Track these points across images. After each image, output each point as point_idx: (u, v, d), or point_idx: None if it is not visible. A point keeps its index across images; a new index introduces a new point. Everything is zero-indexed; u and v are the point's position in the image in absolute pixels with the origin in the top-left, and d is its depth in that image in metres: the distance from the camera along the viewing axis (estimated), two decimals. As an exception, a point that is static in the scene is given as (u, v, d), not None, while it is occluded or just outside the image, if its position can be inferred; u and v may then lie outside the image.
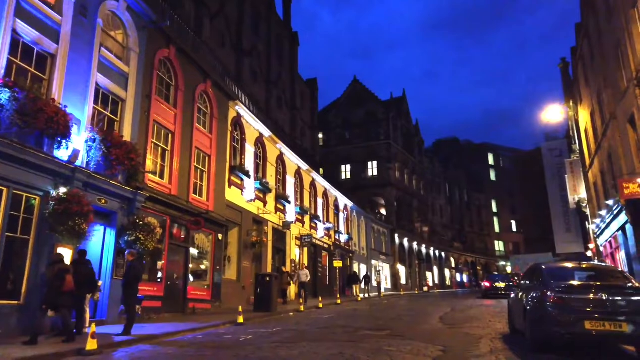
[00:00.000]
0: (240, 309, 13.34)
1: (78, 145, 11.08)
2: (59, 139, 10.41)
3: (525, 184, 73.52)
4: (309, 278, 23.14)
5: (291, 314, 17.14)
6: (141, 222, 12.61)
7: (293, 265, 26.47)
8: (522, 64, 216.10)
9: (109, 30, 13.18)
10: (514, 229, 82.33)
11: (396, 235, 49.76)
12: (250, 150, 22.04)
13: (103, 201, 11.94)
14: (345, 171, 53.83)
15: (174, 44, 15.96)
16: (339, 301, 23.83)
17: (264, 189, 22.79)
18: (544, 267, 8.75)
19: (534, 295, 7.85)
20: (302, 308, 18.15)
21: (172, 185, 15.39)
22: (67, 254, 10.29)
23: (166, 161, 15.50)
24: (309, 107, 44.51)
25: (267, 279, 17.11)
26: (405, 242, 52.13)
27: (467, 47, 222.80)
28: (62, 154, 10.63)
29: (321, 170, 45.98)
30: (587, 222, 35.41)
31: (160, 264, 14.65)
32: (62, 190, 10.26)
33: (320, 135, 55.65)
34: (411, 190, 57.38)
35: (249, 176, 20.94)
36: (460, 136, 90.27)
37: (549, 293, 7.37)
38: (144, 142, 13.98)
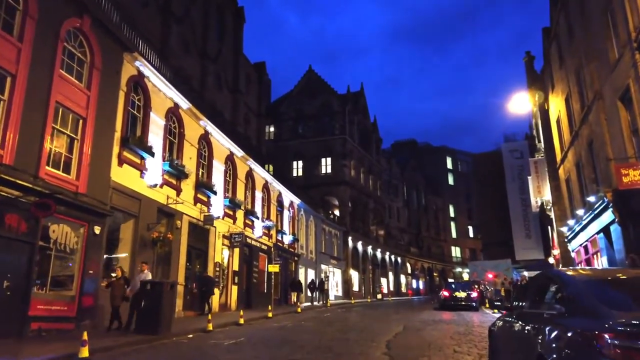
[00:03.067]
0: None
1: None
2: None
3: (483, 188, 71.28)
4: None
5: (190, 335, 12.55)
6: None
7: (217, 269, 21.76)
8: (480, 77, 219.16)
9: None
10: (471, 234, 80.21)
11: (349, 238, 45.77)
12: (158, 122, 17.25)
13: None
14: (297, 167, 49.44)
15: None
16: (270, 314, 19.35)
17: (177, 173, 18.04)
18: (573, 276, 4.67)
19: (566, 336, 3.71)
20: (210, 326, 13.59)
21: (5, 150, 10.50)
22: None
23: (0, 115, 10.61)
24: (255, 93, 39.94)
25: (154, 287, 12.44)
26: (359, 245, 48.23)
27: (428, 58, 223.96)
28: None
29: (270, 167, 41.55)
30: (549, 227, 32.70)
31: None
32: None
33: (272, 129, 51.22)
34: (367, 191, 53.64)
35: (151, 154, 16.15)
36: (419, 141, 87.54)
37: (607, 337, 3.25)
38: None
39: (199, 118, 20.43)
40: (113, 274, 13.60)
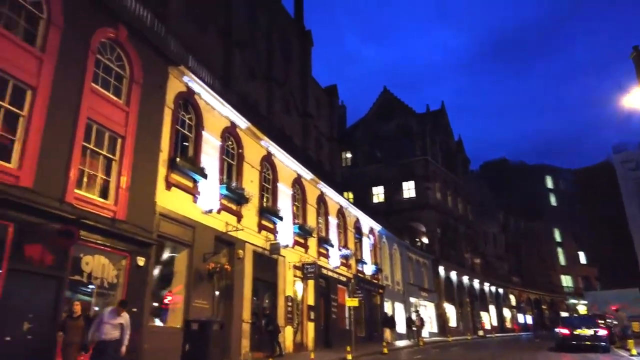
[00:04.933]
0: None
1: None
2: None
3: (592, 207, 62.90)
4: None
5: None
6: None
7: (289, 304, 19.51)
8: (570, 92, 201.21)
9: None
10: (583, 260, 70.74)
11: (441, 268, 41.55)
12: (212, 142, 15.78)
13: None
14: (377, 194, 46.67)
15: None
16: (349, 356, 16.59)
17: (236, 198, 16.33)
18: None
19: None
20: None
21: (22, 171, 9.22)
22: None
23: (18, 132, 9.43)
24: (327, 117, 38.38)
25: (202, 328, 10.40)
26: (453, 275, 43.67)
27: (510, 76, 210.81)
28: None
29: (349, 195, 39.35)
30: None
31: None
32: None
33: (349, 155, 49.36)
34: (456, 214, 49.17)
35: (204, 176, 14.58)
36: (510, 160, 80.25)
37: None
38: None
39: (259, 138, 18.82)
40: (74, 309, 9.13)
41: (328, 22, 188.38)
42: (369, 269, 28.79)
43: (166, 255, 13.66)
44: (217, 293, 15.12)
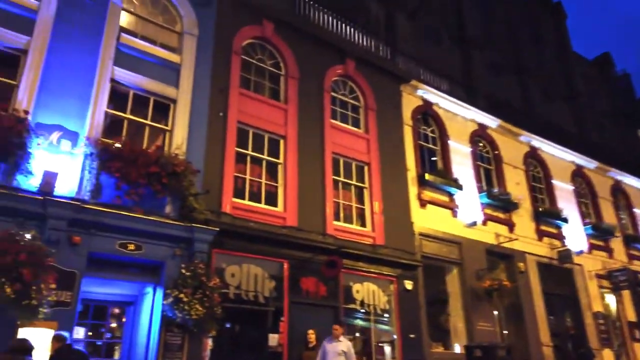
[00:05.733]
0: None
1: (66, 167, 7.56)
2: (18, 162, 7.09)
3: None
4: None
5: None
6: (199, 271, 7.83)
7: (601, 321, 15.88)
8: None
9: (136, 11, 9.83)
10: None
11: None
12: (461, 150, 14.63)
13: (131, 247, 7.84)
14: None
15: (271, 19, 11.53)
16: None
17: (502, 205, 14.56)
18: None
19: None
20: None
21: (287, 212, 10.17)
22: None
23: (278, 179, 10.54)
24: (602, 92, 31.81)
25: (485, 353, 9.16)
26: None
27: None
28: (32, 182, 7.23)
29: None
30: None
31: (275, 338, 9.23)
32: (28, 235, 6.59)
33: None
34: None
35: (459, 187, 13.51)
36: None
37: None
38: (218, 154, 9.55)
39: (517, 134, 16.61)
40: (309, 339, 8.86)
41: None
42: None
43: (435, 276, 12.97)
44: (495, 313, 13.46)
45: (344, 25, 13.41)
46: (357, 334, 10.82)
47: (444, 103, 14.84)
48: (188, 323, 7.58)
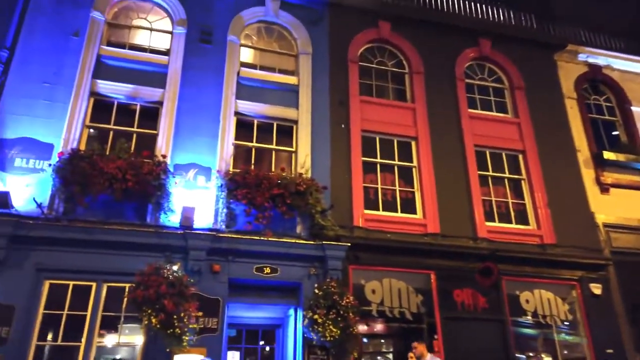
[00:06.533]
0: None
1: (202, 201, 8.14)
2: (160, 202, 7.87)
3: None
4: None
5: None
6: (331, 290, 7.60)
7: None
8: None
9: (254, 44, 10.18)
10: None
11: None
12: (650, 115, 11.67)
13: (267, 270, 8.01)
14: None
15: (387, 18, 10.89)
16: None
17: None
18: None
19: None
20: None
21: (427, 219, 9.25)
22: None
23: (414, 184, 9.71)
24: None
25: None
26: None
27: None
28: (172, 219, 7.92)
29: None
30: None
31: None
32: (174, 267, 7.26)
33: None
34: None
35: (654, 160, 10.71)
36: None
37: None
38: (344, 167, 9.23)
39: None
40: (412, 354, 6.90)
41: None
42: None
43: (636, 274, 10.36)
44: None
45: (470, 2, 11.99)
46: (532, 353, 9.16)
47: (619, 63, 12.11)
48: (326, 344, 7.32)
